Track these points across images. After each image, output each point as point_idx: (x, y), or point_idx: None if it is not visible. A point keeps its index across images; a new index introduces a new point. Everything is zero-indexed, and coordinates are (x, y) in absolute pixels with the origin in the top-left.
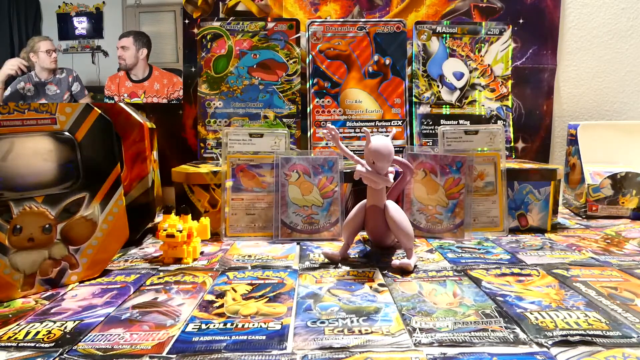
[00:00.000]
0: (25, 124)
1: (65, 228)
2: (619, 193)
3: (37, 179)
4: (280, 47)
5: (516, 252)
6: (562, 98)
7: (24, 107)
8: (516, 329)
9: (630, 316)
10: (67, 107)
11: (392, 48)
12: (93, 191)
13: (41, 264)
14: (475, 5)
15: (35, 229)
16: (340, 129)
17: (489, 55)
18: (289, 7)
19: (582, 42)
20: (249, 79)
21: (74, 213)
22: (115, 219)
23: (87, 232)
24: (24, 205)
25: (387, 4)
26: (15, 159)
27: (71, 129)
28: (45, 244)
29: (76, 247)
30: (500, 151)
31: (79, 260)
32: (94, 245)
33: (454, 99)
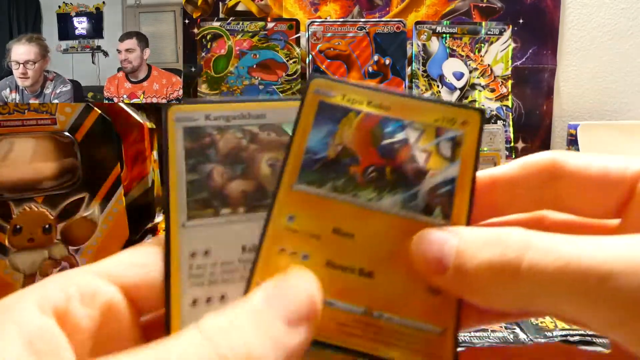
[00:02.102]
0: (25, 124)
1: (66, 228)
2: None
3: (37, 179)
4: (280, 47)
5: None
6: (562, 98)
7: (24, 107)
8: (516, 329)
9: None
10: (67, 107)
11: (392, 48)
12: (93, 191)
13: (41, 264)
14: (475, 5)
15: (35, 229)
16: None
17: (489, 55)
18: (289, 7)
19: (582, 42)
20: (248, 79)
21: (74, 213)
22: (115, 219)
23: (87, 233)
24: (24, 206)
25: (387, 4)
26: (15, 159)
27: (71, 129)
28: (45, 244)
29: (76, 248)
30: (500, 151)
31: (79, 261)
32: (93, 246)
33: (453, 99)
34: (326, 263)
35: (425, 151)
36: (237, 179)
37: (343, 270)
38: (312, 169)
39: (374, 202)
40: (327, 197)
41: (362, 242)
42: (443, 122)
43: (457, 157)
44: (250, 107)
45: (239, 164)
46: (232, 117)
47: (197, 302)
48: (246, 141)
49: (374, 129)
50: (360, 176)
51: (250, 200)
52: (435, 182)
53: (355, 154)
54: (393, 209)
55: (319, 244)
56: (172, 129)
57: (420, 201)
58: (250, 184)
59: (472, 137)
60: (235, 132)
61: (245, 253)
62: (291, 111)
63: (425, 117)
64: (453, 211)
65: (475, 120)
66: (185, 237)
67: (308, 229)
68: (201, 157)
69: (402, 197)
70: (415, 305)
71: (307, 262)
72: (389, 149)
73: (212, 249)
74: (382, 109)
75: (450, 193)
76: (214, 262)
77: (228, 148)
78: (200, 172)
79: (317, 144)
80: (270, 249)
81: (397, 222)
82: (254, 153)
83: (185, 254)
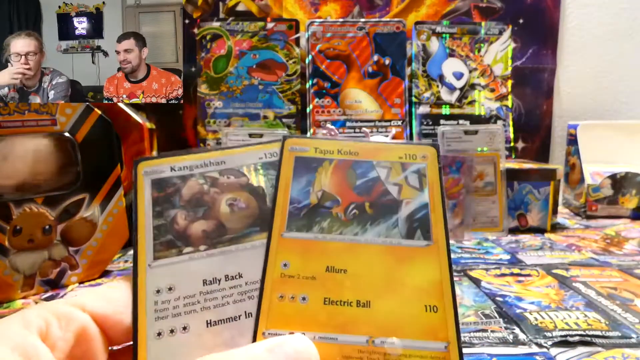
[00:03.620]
0: (26, 124)
1: (65, 229)
2: (619, 193)
3: (37, 180)
4: (280, 47)
5: (516, 252)
6: (562, 98)
7: (24, 108)
8: (516, 329)
9: (630, 316)
10: (67, 108)
11: (391, 48)
12: (93, 192)
13: (41, 265)
14: (475, 5)
15: (35, 230)
16: (340, 129)
17: (489, 55)
18: (289, 7)
19: (582, 42)
20: (248, 79)
21: (74, 214)
22: (115, 219)
23: (87, 233)
24: (24, 207)
25: (387, 4)
26: (15, 160)
27: (71, 130)
28: (45, 245)
29: (76, 248)
30: (500, 151)
31: (78, 261)
32: (93, 246)
33: (453, 99)
34: (324, 301)
35: (396, 184)
36: (199, 220)
37: (341, 305)
38: (298, 216)
39: (359, 235)
40: (316, 239)
41: (355, 275)
42: (406, 158)
43: (424, 185)
44: (211, 156)
45: (200, 206)
46: (195, 166)
47: (161, 334)
48: (207, 186)
49: (348, 172)
50: (343, 215)
51: (211, 238)
52: (411, 209)
53: (335, 196)
54: (378, 239)
55: (315, 284)
56: (141, 181)
57: (401, 227)
58: (211, 224)
59: (433, 167)
60: (198, 179)
61: (206, 286)
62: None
63: (390, 156)
64: (432, 231)
65: (433, 153)
66: (150, 276)
67: (303, 272)
68: (166, 204)
69: (384, 227)
70: (416, 325)
71: (307, 304)
72: (364, 187)
73: (175, 284)
74: (351, 155)
75: (426, 216)
76: (177, 297)
77: (191, 194)
78: (165, 217)
79: (299, 193)
80: (271, 296)
81: (384, 250)
82: (215, 195)
83: (151, 291)
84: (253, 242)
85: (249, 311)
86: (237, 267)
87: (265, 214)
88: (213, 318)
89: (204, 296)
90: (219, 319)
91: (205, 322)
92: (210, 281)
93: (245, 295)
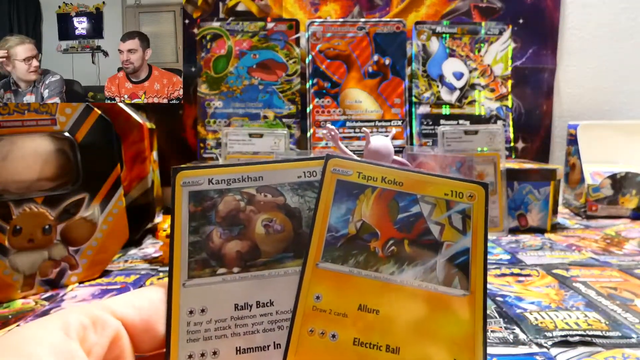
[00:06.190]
0: (25, 124)
1: (65, 229)
2: (619, 193)
3: (37, 180)
4: (280, 47)
5: (516, 252)
6: (562, 98)
7: (24, 108)
8: (516, 329)
9: (630, 316)
10: (67, 108)
11: (391, 48)
12: (93, 192)
13: (41, 265)
14: (475, 5)
15: (35, 229)
16: (340, 129)
17: (489, 55)
18: (289, 7)
19: (582, 42)
20: (248, 79)
21: (73, 214)
22: (115, 219)
23: (86, 233)
24: (23, 206)
25: (387, 4)
26: (15, 160)
27: (71, 129)
28: (45, 244)
29: (76, 248)
30: (500, 151)
31: (78, 261)
32: (93, 246)
33: (453, 99)
34: (354, 341)
35: (438, 224)
36: (234, 240)
37: (370, 347)
38: (335, 246)
39: (395, 275)
40: (351, 274)
41: (387, 318)
42: (452, 195)
43: (468, 228)
44: (250, 170)
45: (236, 225)
46: (233, 180)
47: (193, 357)
48: (244, 203)
49: (391, 204)
50: (380, 251)
51: (245, 260)
52: (451, 254)
53: (374, 229)
54: (414, 282)
55: (346, 322)
56: (179, 192)
57: (439, 272)
58: (245, 245)
59: (479, 209)
60: (235, 195)
61: (237, 311)
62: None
63: (436, 191)
64: (470, 280)
65: (481, 193)
66: (184, 296)
67: (335, 307)
68: (203, 219)
69: (422, 270)
70: None
71: (336, 342)
72: (405, 222)
73: (208, 307)
74: (396, 185)
75: (466, 263)
76: (209, 319)
77: (227, 210)
78: (201, 233)
79: (338, 221)
80: (301, 329)
81: (419, 295)
82: (251, 214)
83: (184, 311)
84: (286, 268)
85: (278, 342)
86: (268, 294)
87: (299, 238)
88: (242, 345)
89: (234, 321)
90: (248, 346)
91: (235, 349)
92: (242, 306)
93: (275, 325)
